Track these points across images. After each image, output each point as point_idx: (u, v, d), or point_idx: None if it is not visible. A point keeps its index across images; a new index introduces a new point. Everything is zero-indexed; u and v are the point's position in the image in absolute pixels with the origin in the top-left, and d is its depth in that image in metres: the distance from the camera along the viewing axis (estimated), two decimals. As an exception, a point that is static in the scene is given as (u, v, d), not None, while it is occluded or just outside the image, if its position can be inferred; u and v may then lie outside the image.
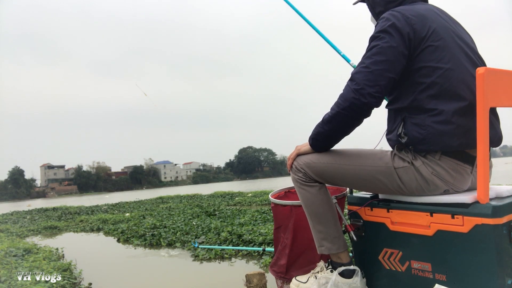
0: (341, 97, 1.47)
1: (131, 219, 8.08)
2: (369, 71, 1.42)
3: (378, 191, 1.62)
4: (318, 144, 1.62)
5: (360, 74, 1.43)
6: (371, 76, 1.41)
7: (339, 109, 1.47)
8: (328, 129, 1.54)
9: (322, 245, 1.65)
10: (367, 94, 1.41)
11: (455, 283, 1.36)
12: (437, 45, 1.43)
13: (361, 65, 1.45)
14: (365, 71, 1.43)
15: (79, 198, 45.67)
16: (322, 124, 1.55)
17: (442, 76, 1.41)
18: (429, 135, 1.40)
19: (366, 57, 1.46)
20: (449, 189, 1.45)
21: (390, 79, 1.43)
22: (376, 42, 1.45)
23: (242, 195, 13.94)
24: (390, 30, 1.43)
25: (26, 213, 14.82)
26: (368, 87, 1.41)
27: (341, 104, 1.46)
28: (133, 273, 3.63)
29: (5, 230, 8.01)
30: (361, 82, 1.42)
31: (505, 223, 1.29)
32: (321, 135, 1.58)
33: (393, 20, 1.45)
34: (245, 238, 4.31)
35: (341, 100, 1.47)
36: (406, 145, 1.48)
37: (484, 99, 1.26)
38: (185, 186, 79.70)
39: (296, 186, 1.70)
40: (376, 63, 1.42)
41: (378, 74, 1.41)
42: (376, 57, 1.42)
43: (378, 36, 1.46)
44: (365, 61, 1.45)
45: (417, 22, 1.45)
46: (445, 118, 1.38)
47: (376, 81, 1.41)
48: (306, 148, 1.66)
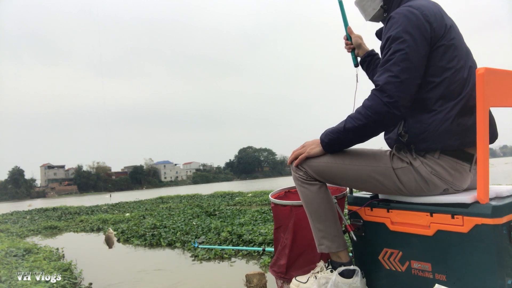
0: (370, 109, 1.38)
1: (131, 219, 8.08)
2: (399, 81, 1.34)
3: (378, 191, 1.62)
4: (333, 148, 1.58)
5: (391, 86, 1.35)
6: (402, 87, 1.34)
7: (367, 121, 1.40)
8: (350, 137, 1.49)
9: (322, 243, 1.66)
10: (401, 107, 1.35)
11: (455, 283, 1.36)
12: (449, 44, 1.41)
13: (389, 73, 1.36)
14: (395, 81, 1.35)
15: (79, 198, 45.67)
16: (344, 132, 1.48)
17: (451, 77, 1.40)
18: (431, 133, 1.40)
19: (392, 63, 1.37)
20: (448, 188, 1.45)
21: (417, 86, 1.39)
22: (399, 46, 1.37)
23: (242, 195, 13.94)
24: (412, 32, 1.37)
25: (26, 213, 14.82)
26: (401, 100, 1.34)
27: (371, 116, 1.38)
28: (133, 273, 3.63)
29: (5, 230, 8.01)
30: (394, 95, 1.34)
31: (505, 223, 1.29)
32: (340, 142, 1.53)
33: (413, 19, 1.38)
34: (245, 238, 4.30)
35: (371, 113, 1.38)
36: (407, 144, 1.47)
37: (484, 99, 1.26)
38: (185, 186, 79.73)
39: (297, 185, 1.70)
40: (404, 71, 1.35)
41: (408, 83, 1.35)
42: (403, 64, 1.35)
43: (400, 38, 1.37)
44: (393, 69, 1.36)
45: (435, 20, 1.41)
46: (447, 117, 1.38)
47: (408, 91, 1.36)
48: (317, 150, 1.60)
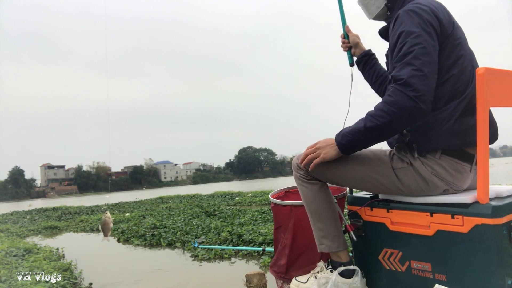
0: (394, 105, 1.30)
1: (131, 219, 8.08)
2: (423, 74, 1.29)
3: (378, 191, 1.62)
4: (351, 149, 1.47)
5: (416, 79, 1.28)
6: (426, 80, 1.29)
7: (392, 119, 1.31)
8: (372, 137, 1.40)
9: (322, 243, 1.66)
10: (428, 101, 1.29)
11: (455, 283, 1.36)
12: (456, 43, 1.41)
13: (411, 67, 1.30)
14: (419, 74, 1.29)
15: (79, 198, 45.66)
16: (365, 131, 1.38)
17: (456, 75, 1.40)
18: (434, 133, 1.40)
19: (413, 57, 1.31)
20: (448, 189, 1.45)
21: (436, 80, 1.34)
22: (416, 40, 1.33)
23: (242, 195, 13.94)
24: (425, 27, 1.34)
25: (26, 213, 14.83)
26: (427, 93, 1.28)
27: (396, 113, 1.30)
28: (133, 273, 3.63)
29: (5, 230, 8.01)
30: (421, 88, 1.27)
31: (505, 223, 1.29)
32: (360, 143, 1.43)
33: (424, 14, 1.37)
34: (245, 238, 4.31)
35: (395, 109, 1.30)
36: (409, 143, 1.46)
37: (484, 99, 1.26)
38: (185, 186, 79.69)
39: (298, 184, 1.70)
40: (426, 65, 1.30)
41: (431, 77, 1.31)
42: (424, 57, 1.31)
43: (415, 33, 1.34)
44: (415, 63, 1.30)
45: (443, 17, 1.40)
46: (450, 116, 1.38)
47: (431, 85, 1.31)
48: (333, 154, 1.49)
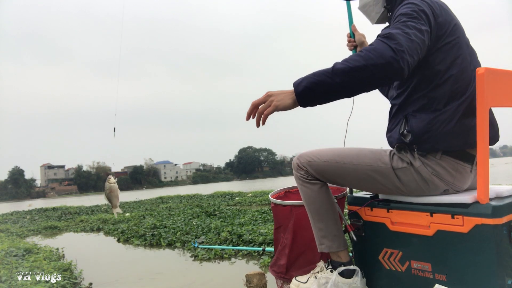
0: (372, 51, 1.23)
1: (131, 219, 8.08)
2: (411, 38, 1.26)
3: (377, 191, 1.62)
4: (310, 96, 1.31)
5: (402, 37, 1.24)
6: (412, 44, 1.25)
7: (367, 64, 1.22)
8: (338, 82, 1.25)
9: (322, 243, 1.66)
10: (407, 61, 1.22)
11: (455, 283, 1.36)
12: (454, 43, 1.41)
13: (401, 29, 1.27)
14: (407, 36, 1.25)
15: (79, 198, 45.64)
16: (332, 74, 1.26)
17: (455, 76, 1.39)
18: (435, 134, 1.39)
19: (406, 25, 1.29)
20: (449, 189, 1.45)
21: (417, 60, 1.30)
22: (412, 20, 1.31)
23: (242, 195, 13.94)
24: (423, 15, 1.34)
25: (26, 213, 14.82)
26: (409, 54, 1.23)
27: (372, 59, 1.21)
28: (133, 273, 3.63)
29: (5, 230, 8.01)
30: (404, 45, 1.22)
31: (505, 223, 1.29)
32: (322, 87, 1.27)
33: (422, 5, 1.37)
34: (245, 238, 4.31)
35: (373, 55, 1.22)
36: (409, 144, 1.45)
37: (484, 99, 1.26)
38: (185, 186, 79.66)
39: (298, 184, 1.70)
40: (416, 35, 1.28)
41: (416, 47, 1.26)
42: (415, 31, 1.28)
43: (413, 15, 1.33)
44: (405, 29, 1.27)
45: (441, 15, 1.40)
46: (451, 117, 1.38)
47: (415, 51, 1.26)
48: (288, 103, 1.35)
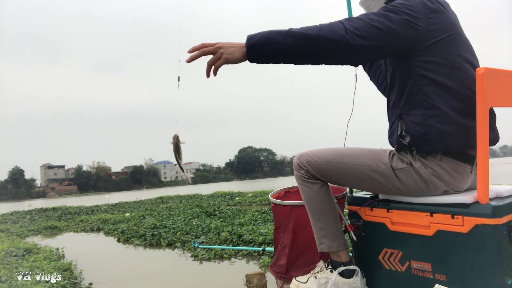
0: (328, 26, 1.32)
1: (131, 219, 8.08)
2: (372, 24, 1.32)
3: (377, 190, 1.62)
4: (259, 51, 1.36)
5: (362, 21, 1.32)
6: (371, 29, 1.31)
7: (319, 34, 1.30)
8: (289, 44, 1.32)
9: (322, 242, 1.66)
10: (358, 43, 1.30)
11: (455, 283, 1.36)
12: (446, 40, 1.40)
13: (367, 16, 1.34)
14: (368, 21, 1.32)
15: (79, 198, 45.68)
16: (286, 35, 1.33)
17: (447, 73, 1.39)
18: (433, 135, 1.38)
19: (376, 14, 1.35)
20: (449, 190, 1.45)
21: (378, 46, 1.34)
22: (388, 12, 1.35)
23: (242, 195, 13.94)
24: (406, 11, 1.35)
25: (26, 213, 14.83)
26: (361, 38, 1.30)
27: (325, 31, 1.30)
28: (133, 273, 3.63)
29: (5, 230, 8.01)
30: (362, 29, 1.30)
31: (505, 223, 1.29)
32: (273, 44, 1.33)
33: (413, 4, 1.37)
34: (245, 238, 4.31)
35: (327, 28, 1.31)
36: (409, 146, 1.45)
37: (484, 99, 1.26)
38: (185, 186, 79.67)
39: (299, 183, 1.71)
40: (382, 23, 1.32)
41: (376, 32, 1.31)
42: (383, 19, 1.33)
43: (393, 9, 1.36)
44: (372, 16, 1.34)
45: (433, 12, 1.39)
46: (449, 118, 1.37)
47: (374, 36, 1.31)
48: (237, 56, 1.38)
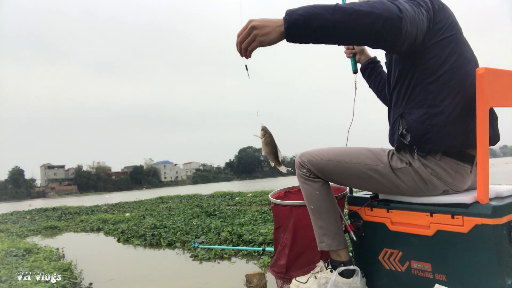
0: (381, 3, 1.23)
1: (131, 219, 8.08)
2: (416, 12, 1.27)
3: (377, 190, 1.62)
4: (302, 28, 1.22)
5: (409, 7, 1.26)
6: (416, 17, 1.27)
7: (372, 11, 1.20)
8: (337, 20, 1.20)
9: (322, 241, 1.66)
10: (407, 26, 1.23)
11: (455, 283, 1.36)
12: (451, 39, 1.40)
13: (408, 3, 1.28)
14: (412, 8, 1.27)
15: (79, 198, 45.69)
16: (333, 10, 1.20)
17: (450, 72, 1.38)
18: (434, 134, 1.38)
19: (412, 3, 1.30)
20: (448, 190, 1.45)
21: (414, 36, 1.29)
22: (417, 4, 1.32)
23: (242, 195, 13.93)
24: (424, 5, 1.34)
25: (26, 213, 14.82)
26: (410, 23, 1.24)
27: (379, 9, 1.20)
28: (133, 273, 3.63)
29: (5, 230, 8.01)
30: (410, 13, 1.24)
31: (505, 223, 1.29)
32: (319, 20, 1.20)
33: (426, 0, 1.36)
34: (245, 238, 4.30)
35: (380, 6, 1.21)
36: (410, 145, 1.45)
37: (484, 99, 1.26)
38: (185, 186, 79.69)
39: (300, 182, 1.71)
40: (419, 14, 1.29)
41: (418, 22, 1.28)
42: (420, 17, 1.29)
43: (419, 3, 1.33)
44: (411, 4, 1.29)
45: (440, 10, 1.39)
46: (450, 117, 1.37)
47: (416, 25, 1.27)
48: (274, 36, 1.26)
